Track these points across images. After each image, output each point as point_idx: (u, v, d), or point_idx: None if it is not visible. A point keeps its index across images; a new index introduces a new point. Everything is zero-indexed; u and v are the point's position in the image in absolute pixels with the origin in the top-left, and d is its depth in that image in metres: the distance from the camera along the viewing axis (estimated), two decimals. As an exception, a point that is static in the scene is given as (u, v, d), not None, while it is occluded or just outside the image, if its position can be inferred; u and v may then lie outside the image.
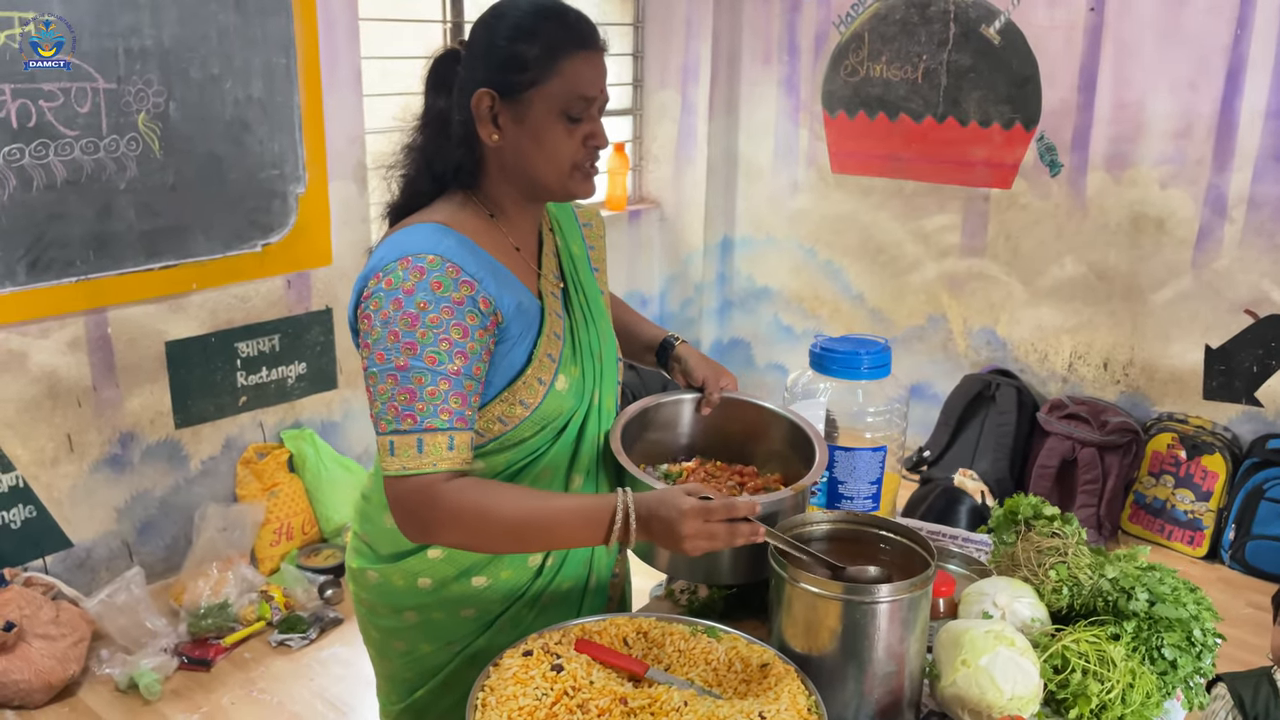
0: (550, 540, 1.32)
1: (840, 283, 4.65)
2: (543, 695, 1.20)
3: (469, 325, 1.26)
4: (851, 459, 1.68)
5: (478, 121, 1.32)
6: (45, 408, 2.95)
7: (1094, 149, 3.85)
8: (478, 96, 1.30)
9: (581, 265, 1.52)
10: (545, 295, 1.41)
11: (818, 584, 1.26)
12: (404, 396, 1.23)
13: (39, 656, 2.71)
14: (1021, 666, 1.31)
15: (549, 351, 1.38)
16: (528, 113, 1.31)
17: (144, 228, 3.05)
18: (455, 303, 1.25)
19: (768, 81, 4.68)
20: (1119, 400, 3.97)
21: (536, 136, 1.31)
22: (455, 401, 1.24)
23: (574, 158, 1.34)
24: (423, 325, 1.23)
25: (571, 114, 1.31)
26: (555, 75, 1.29)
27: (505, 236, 1.38)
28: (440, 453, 1.23)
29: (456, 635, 1.46)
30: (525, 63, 1.29)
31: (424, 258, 1.26)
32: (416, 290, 1.24)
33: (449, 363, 1.24)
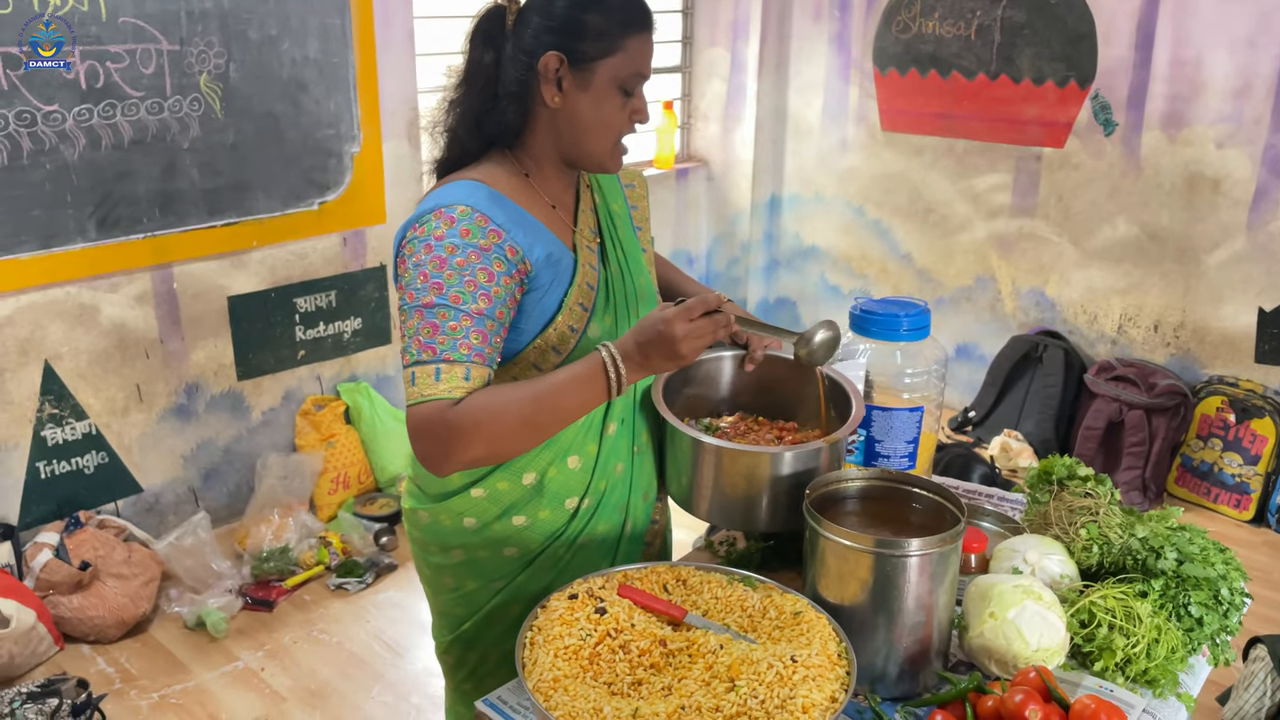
0: (561, 413, 1.34)
1: (888, 242, 4.64)
2: (587, 636, 1.27)
3: (495, 270, 1.33)
4: (889, 419, 1.72)
5: (543, 82, 1.37)
6: (115, 359, 3.08)
7: (1150, 107, 3.79)
8: (547, 58, 1.36)
9: (621, 223, 1.58)
10: (580, 248, 1.47)
11: (850, 537, 1.31)
12: (427, 330, 1.30)
13: (112, 595, 2.86)
14: (1048, 620, 1.36)
15: (581, 301, 1.44)
16: (592, 81, 1.37)
17: (206, 186, 3.15)
18: (482, 249, 1.32)
19: (818, 38, 4.64)
20: (1168, 363, 3.94)
21: (596, 104, 1.38)
22: (475, 338, 1.30)
23: (620, 129, 1.42)
24: (450, 267, 1.30)
25: (627, 88, 1.39)
26: (621, 50, 1.37)
27: (540, 195, 1.45)
28: (456, 381, 1.29)
29: (500, 573, 1.55)
30: (598, 33, 1.35)
31: (455, 208, 1.34)
32: (446, 236, 1.32)
33: (472, 302, 1.30)
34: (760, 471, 1.48)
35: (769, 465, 1.48)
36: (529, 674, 1.22)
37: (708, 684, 1.21)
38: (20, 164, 2.77)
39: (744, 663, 1.21)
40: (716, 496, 1.53)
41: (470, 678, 1.63)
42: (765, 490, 1.49)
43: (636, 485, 1.59)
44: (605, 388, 1.33)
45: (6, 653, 2.64)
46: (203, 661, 2.80)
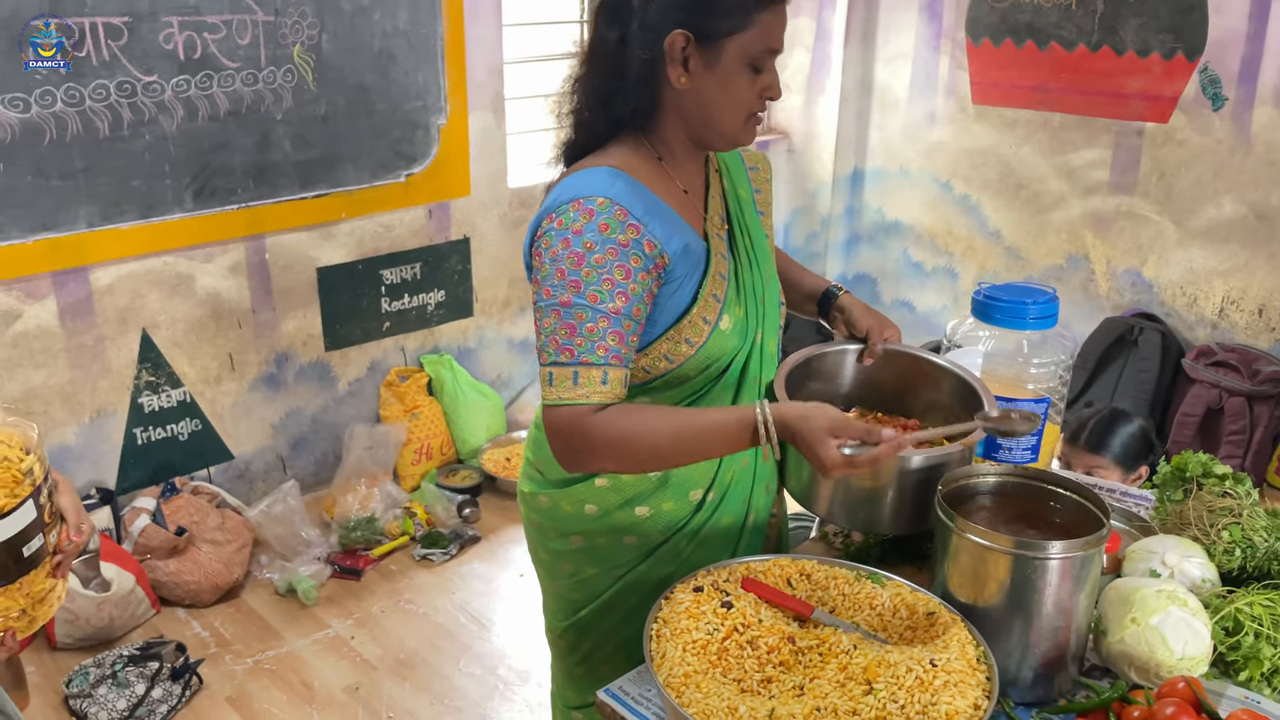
0: (698, 455, 1.35)
1: (976, 218, 4.52)
2: (714, 630, 1.24)
3: (632, 267, 1.29)
4: (1013, 410, 1.66)
5: (669, 62, 1.33)
6: (210, 329, 3.13)
7: (1263, 81, 3.61)
8: (672, 38, 1.31)
9: (747, 208, 1.54)
10: (711, 237, 1.43)
11: (989, 537, 1.27)
12: (564, 331, 1.28)
13: (207, 560, 2.92)
14: (1193, 627, 1.30)
15: (714, 291, 1.41)
16: (720, 59, 1.32)
17: (298, 158, 3.16)
18: (621, 245, 1.29)
19: (909, 7, 4.51)
20: (1273, 349, 3.78)
21: (725, 83, 1.33)
22: (613, 339, 1.28)
23: (750, 107, 1.37)
24: (588, 265, 1.27)
25: (758, 65, 1.33)
26: (752, 25, 1.30)
27: (674, 180, 1.41)
28: (594, 386, 1.28)
29: (619, 561, 1.53)
30: (727, 10, 1.30)
31: (594, 200, 1.30)
32: (585, 231, 1.28)
33: (610, 301, 1.28)
34: (887, 472, 1.43)
35: (896, 466, 1.43)
36: (658, 668, 1.20)
37: (842, 685, 1.17)
38: (121, 134, 2.80)
39: (880, 665, 1.18)
40: (839, 495, 1.49)
41: (583, 663, 1.62)
42: (890, 491, 1.45)
43: (760, 478, 1.55)
44: (748, 443, 1.31)
45: (107, 615, 2.71)
46: (294, 628, 2.85)
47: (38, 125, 2.66)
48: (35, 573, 1.38)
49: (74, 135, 2.72)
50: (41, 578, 1.40)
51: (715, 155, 1.53)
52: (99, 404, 2.97)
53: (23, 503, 1.34)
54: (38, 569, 1.38)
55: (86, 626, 2.70)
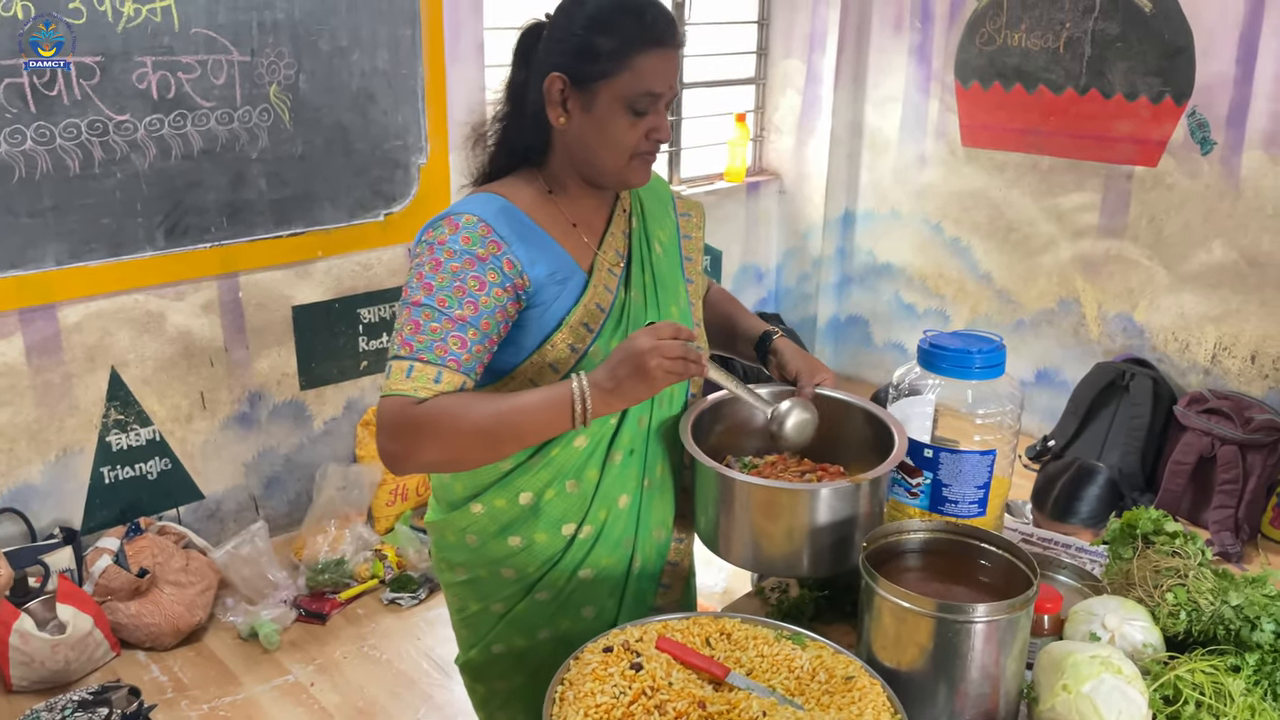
0: (521, 433, 1.32)
1: (967, 261, 4.48)
2: (621, 694, 1.19)
3: (488, 280, 1.32)
4: (958, 462, 1.60)
5: (547, 103, 1.37)
6: (181, 366, 3.11)
7: (1251, 126, 3.57)
8: (550, 80, 1.35)
9: (664, 249, 1.54)
10: (597, 269, 1.44)
11: (909, 598, 1.21)
12: (410, 328, 1.31)
13: (169, 602, 2.88)
14: (1128, 695, 1.23)
15: (585, 320, 1.41)
16: (595, 102, 1.35)
17: (274, 196, 3.16)
18: (479, 258, 1.32)
19: (898, 50, 4.51)
20: (1267, 397, 3.71)
21: (600, 126, 1.36)
22: (454, 343, 1.30)
23: (634, 148, 1.38)
24: (444, 271, 1.31)
25: (637, 108, 1.35)
26: (626, 70, 1.33)
27: (562, 212, 1.43)
28: (425, 381, 1.29)
29: (498, 595, 1.51)
30: (598, 55, 1.32)
31: (463, 216, 1.34)
32: (449, 241, 1.33)
33: (458, 308, 1.30)
34: (785, 510, 1.39)
35: (795, 504, 1.38)
36: (557, 734, 1.15)
37: (748, 754, 1.12)
38: (92, 172, 2.80)
39: (790, 733, 1.12)
40: (743, 538, 1.43)
41: (483, 707, 1.61)
42: (796, 533, 1.39)
43: (646, 521, 1.52)
44: (569, 415, 1.29)
45: (63, 658, 2.67)
46: (254, 673, 2.79)
47: (6, 163, 2.66)
48: None
49: (44, 173, 2.73)
50: None
51: (630, 195, 1.54)
52: (65, 442, 2.94)
53: None
54: None
55: (42, 669, 2.65)
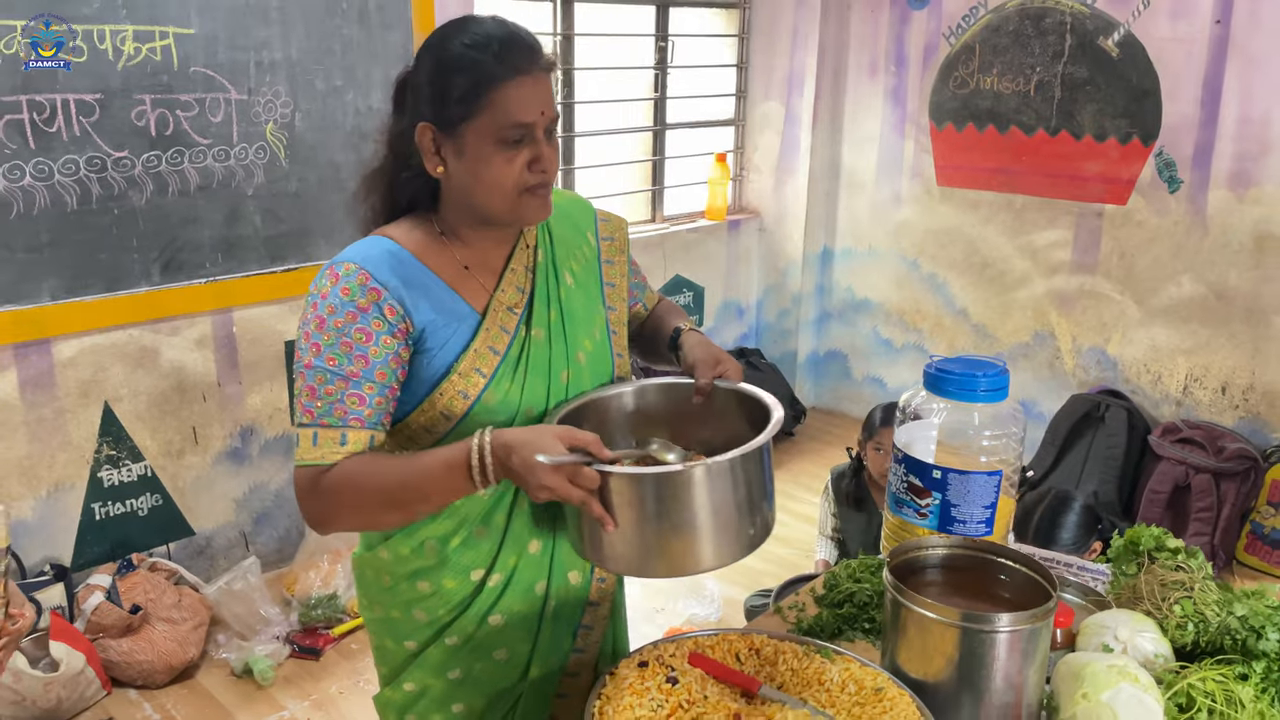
0: (426, 496, 1.29)
1: (943, 296, 4.58)
2: (658, 707, 1.22)
3: (374, 330, 1.29)
4: (966, 482, 1.66)
5: (423, 155, 1.33)
6: (173, 402, 3.10)
7: (1216, 166, 3.72)
8: (419, 130, 1.32)
9: (581, 280, 1.49)
10: (492, 311, 1.39)
11: (935, 609, 1.26)
12: (307, 394, 1.29)
13: (161, 639, 2.85)
14: (1145, 703, 1.28)
15: (478, 365, 1.36)
16: (465, 146, 1.31)
17: (268, 233, 3.18)
18: (360, 309, 1.29)
19: (874, 93, 4.63)
20: (1237, 426, 3.82)
21: (476, 169, 1.31)
22: (352, 401, 1.29)
23: (518, 183, 1.32)
24: (328, 329, 1.29)
25: (509, 140, 1.30)
26: (485, 108, 1.28)
27: (453, 255, 1.39)
28: (332, 447, 1.28)
29: (411, 635, 1.47)
30: (456, 96, 1.28)
31: (344, 265, 1.31)
32: (330, 295, 1.30)
33: (349, 364, 1.28)
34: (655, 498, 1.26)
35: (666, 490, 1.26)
36: (600, 746, 1.17)
37: (787, 763, 1.15)
38: (89, 208, 2.82)
39: (826, 742, 1.16)
40: (622, 537, 1.28)
41: None
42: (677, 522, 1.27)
43: (560, 567, 1.48)
44: (469, 478, 1.25)
45: (55, 696, 2.63)
46: (249, 710, 2.77)
47: (4, 199, 2.67)
48: None
49: (41, 209, 2.74)
50: None
51: (538, 228, 1.49)
52: (57, 478, 2.92)
53: None
54: None
55: (33, 708, 2.61)
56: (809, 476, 4.37)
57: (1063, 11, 3.98)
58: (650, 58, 4.43)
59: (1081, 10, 3.93)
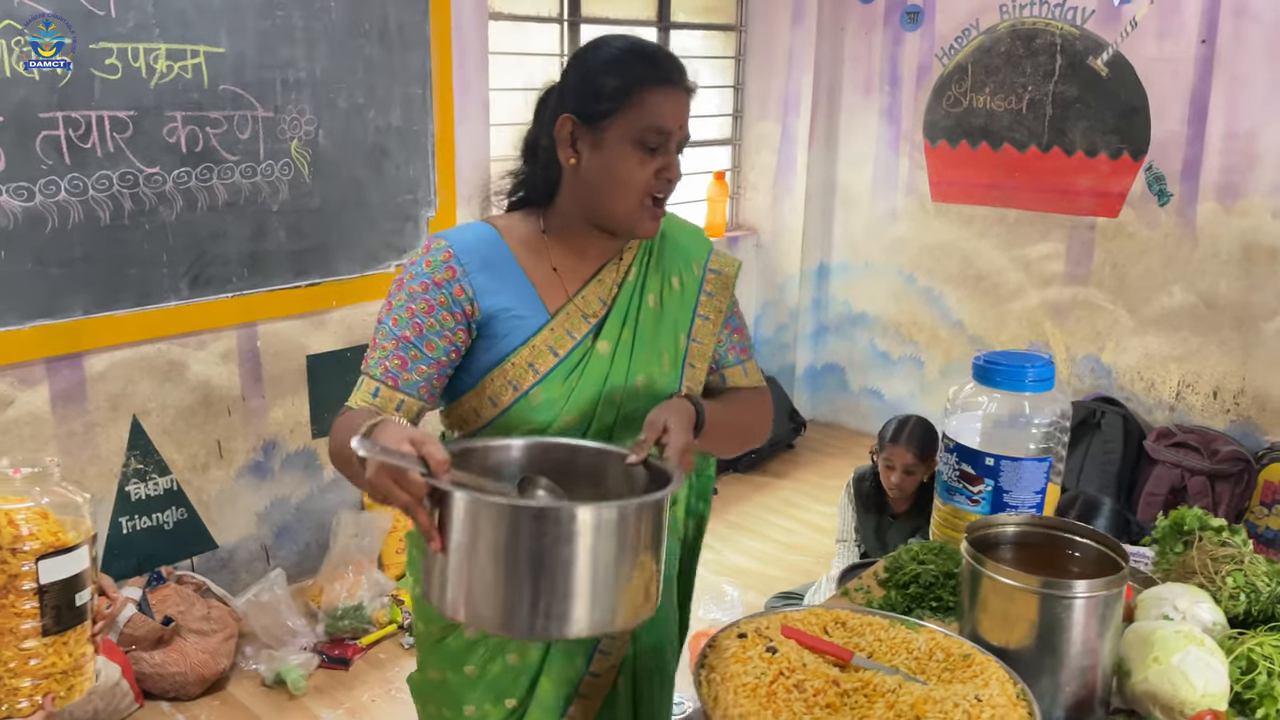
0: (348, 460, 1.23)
1: (939, 309, 4.70)
2: (761, 674, 1.28)
3: (436, 304, 1.37)
4: (1018, 469, 1.74)
5: (558, 144, 1.39)
6: (199, 415, 3.13)
7: (1204, 179, 3.87)
8: (560, 121, 1.38)
9: (668, 306, 1.50)
10: (564, 314, 1.44)
11: (1017, 578, 1.33)
12: (371, 344, 1.41)
13: (193, 650, 2.86)
14: (1212, 666, 1.36)
15: (532, 361, 1.41)
16: (604, 139, 1.37)
17: (292, 248, 3.23)
18: (434, 282, 1.38)
19: (868, 112, 4.76)
20: (1229, 429, 3.95)
21: (610, 165, 1.37)
22: (394, 362, 1.37)
23: (646, 188, 1.38)
24: (402, 292, 1.39)
25: (647, 144, 1.36)
26: (633, 106, 1.35)
27: (547, 254, 1.45)
28: (364, 395, 1.38)
29: None
30: (605, 93, 1.36)
31: (437, 239, 1.41)
32: (414, 264, 1.40)
33: (405, 329, 1.37)
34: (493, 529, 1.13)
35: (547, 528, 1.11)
36: (713, 711, 1.23)
37: (892, 723, 1.21)
38: (122, 223, 2.85)
39: (927, 701, 1.22)
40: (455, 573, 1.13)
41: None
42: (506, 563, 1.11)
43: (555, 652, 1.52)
44: None
45: (92, 708, 2.63)
46: (284, 719, 2.78)
47: (40, 214, 2.70)
48: (80, 630, 1.38)
49: (75, 224, 2.76)
50: (84, 639, 1.39)
51: (639, 246, 1.49)
52: (86, 491, 2.92)
53: (79, 546, 1.35)
54: (82, 626, 1.38)
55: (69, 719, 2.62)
56: (813, 486, 4.45)
57: (1053, 32, 4.13)
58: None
59: (1071, 31, 4.08)
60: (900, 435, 3.12)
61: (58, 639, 1.35)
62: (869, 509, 3.28)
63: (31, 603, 1.33)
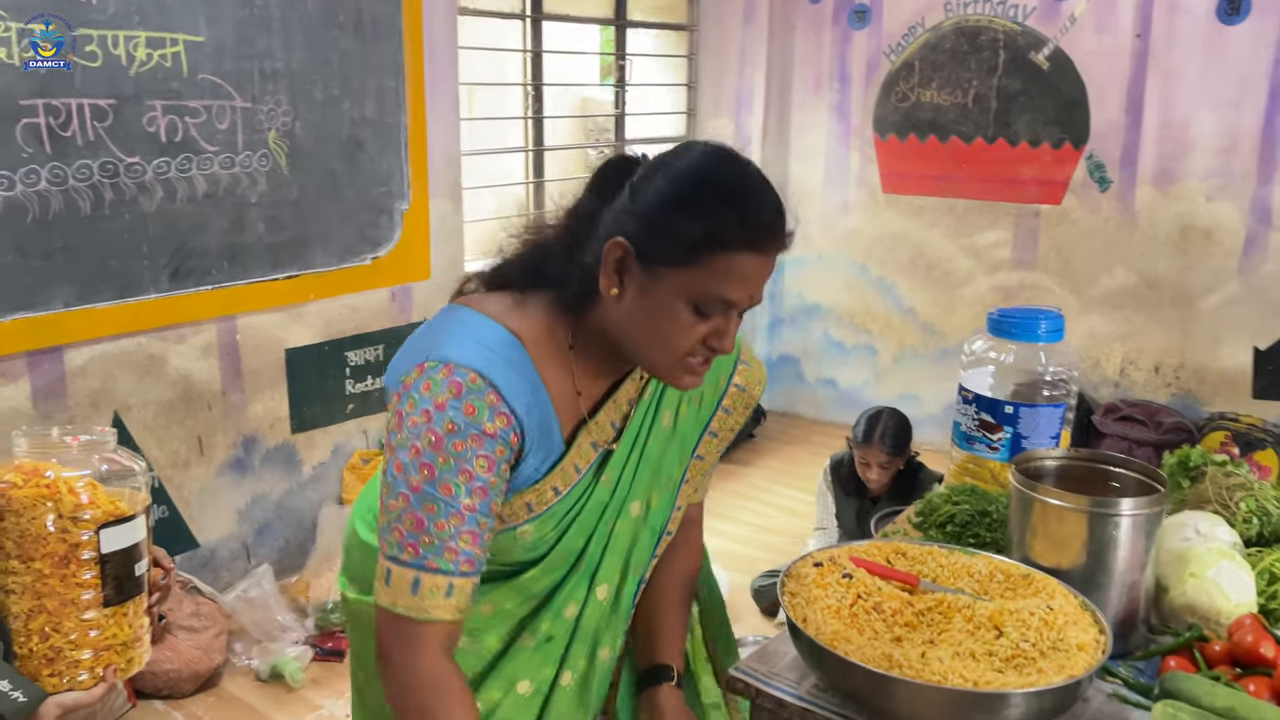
0: None
1: (892, 298, 4.85)
2: (841, 597, 1.35)
3: (496, 458, 1.13)
4: (1035, 414, 1.85)
5: (602, 265, 1.15)
6: (180, 411, 3.07)
7: (1142, 166, 4.09)
8: (613, 244, 1.14)
9: (682, 426, 1.35)
10: (576, 446, 1.25)
11: (1066, 499, 1.42)
12: (410, 523, 1.11)
13: (186, 647, 2.81)
14: (1242, 578, 1.47)
15: (531, 501, 1.23)
16: (656, 287, 1.13)
17: (271, 240, 3.20)
18: (487, 434, 1.11)
19: (819, 108, 4.91)
20: (1171, 402, 4.18)
21: (653, 315, 1.14)
22: (465, 541, 1.11)
23: (684, 350, 1.16)
24: (445, 450, 1.10)
25: (703, 310, 1.14)
26: (701, 266, 1.11)
27: (573, 376, 1.23)
28: (437, 598, 1.11)
29: None
30: (676, 237, 1.11)
31: (466, 373, 1.12)
32: (448, 408, 1.10)
33: (465, 498, 1.11)
34: None
35: None
36: (805, 630, 1.29)
37: (972, 634, 1.29)
38: (102, 214, 2.79)
39: (1003, 613, 1.30)
40: None
41: None
42: None
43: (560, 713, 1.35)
44: None
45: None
46: (285, 711, 2.75)
47: (21, 203, 2.63)
48: (139, 600, 1.37)
49: (56, 214, 2.70)
50: (142, 610, 1.39)
51: None
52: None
53: (137, 515, 1.34)
54: (141, 597, 1.38)
55: None
56: (777, 472, 4.55)
57: (996, 29, 4.32)
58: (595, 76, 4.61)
59: (1013, 28, 4.28)
60: (873, 436, 3.22)
61: (118, 610, 1.35)
62: (849, 494, 3.38)
63: (91, 572, 1.33)
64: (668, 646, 1.42)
